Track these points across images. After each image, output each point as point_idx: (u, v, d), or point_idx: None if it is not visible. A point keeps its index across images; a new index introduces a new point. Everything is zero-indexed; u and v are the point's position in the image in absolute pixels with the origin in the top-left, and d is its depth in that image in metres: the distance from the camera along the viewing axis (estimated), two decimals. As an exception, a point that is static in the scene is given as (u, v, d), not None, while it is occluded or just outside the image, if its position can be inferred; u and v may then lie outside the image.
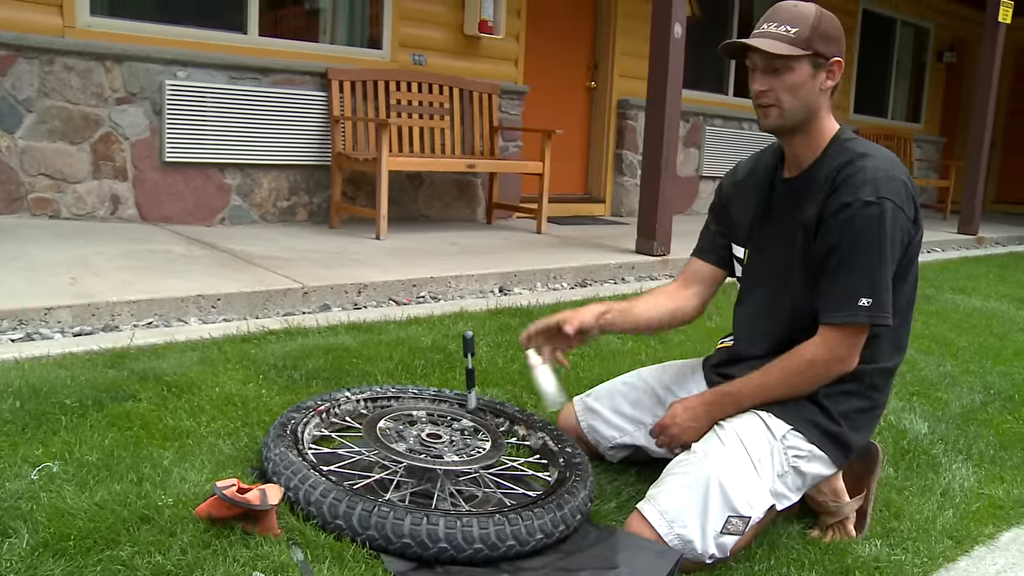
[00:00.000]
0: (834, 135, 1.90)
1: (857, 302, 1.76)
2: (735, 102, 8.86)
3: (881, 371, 1.91)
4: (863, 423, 1.93)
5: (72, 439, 2.04)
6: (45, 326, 3.09)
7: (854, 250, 1.77)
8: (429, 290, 4.23)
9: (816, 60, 1.82)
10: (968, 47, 11.66)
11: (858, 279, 1.77)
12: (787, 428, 1.85)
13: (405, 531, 1.62)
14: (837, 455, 1.88)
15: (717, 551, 1.72)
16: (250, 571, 1.54)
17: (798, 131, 1.90)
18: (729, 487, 1.74)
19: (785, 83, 1.83)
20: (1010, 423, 2.87)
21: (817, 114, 1.87)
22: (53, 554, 1.53)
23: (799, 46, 1.80)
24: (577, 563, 1.67)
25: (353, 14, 6.20)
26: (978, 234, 8.57)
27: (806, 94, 1.84)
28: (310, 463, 1.82)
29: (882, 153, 1.86)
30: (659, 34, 5.31)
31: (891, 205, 1.76)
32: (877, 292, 1.76)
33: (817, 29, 1.81)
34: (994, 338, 4.12)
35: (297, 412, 2.10)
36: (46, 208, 4.83)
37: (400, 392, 2.35)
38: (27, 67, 4.67)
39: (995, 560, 1.95)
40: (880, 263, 1.76)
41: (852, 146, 1.87)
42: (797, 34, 1.81)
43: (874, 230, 1.76)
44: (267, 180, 5.62)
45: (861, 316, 1.76)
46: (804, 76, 1.83)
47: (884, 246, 1.76)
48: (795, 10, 1.85)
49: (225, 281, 3.73)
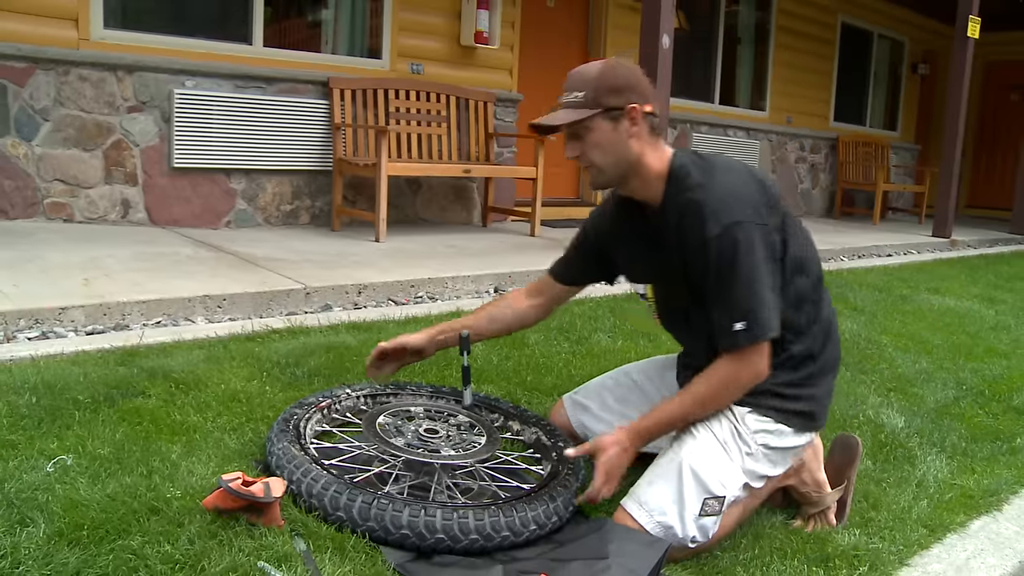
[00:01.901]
0: (669, 171, 1.89)
1: (732, 328, 1.78)
2: (721, 110, 8.98)
3: (809, 341, 1.93)
4: (816, 384, 1.95)
5: (85, 433, 2.05)
6: (59, 325, 3.13)
7: (718, 282, 1.79)
8: (427, 291, 4.27)
9: (610, 114, 1.83)
10: (940, 60, 11.83)
11: (728, 307, 1.78)
12: (745, 411, 1.88)
13: (404, 522, 1.64)
14: (803, 424, 1.93)
15: (698, 533, 1.76)
16: (255, 561, 1.54)
17: (627, 180, 1.91)
18: (701, 471, 1.79)
19: (589, 144, 1.86)
20: (981, 417, 2.94)
21: (641, 159, 1.87)
22: (68, 543, 1.55)
23: (587, 107, 1.82)
24: (569, 553, 1.69)
25: (354, 25, 6.29)
26: (951, 237, 8.71)
27: (614, 147, 1.86)
28: (312, 457, 1.84)
29: (718, 174, 1.84)
30: (648, 45, 5.39)
31: (738, 227, 1.76)
32: (750, 313, 1.77)
33: (602, 86, 1.83)
34: (966, 336, 4.17)
35: (300, 408, 2.11)
36: (60, 212, 4.95)
37: (398, 389, 2.36)
38: (44, 78, 4.80)
39: (965, 547, 2.00)
40: (747, 286, 1.77)
41: (686, 179, 1.85)
42: (584, 96, 1.83)
43: (729, 258, 1.77)
44: (271, 185, 5.73)
45: (741, 340, 1.78)
46: (604, 132, 1.85)
47: (744, 268, 1.76)
48: (580, 74, 1.87)
49: (231, 282, 3.77)
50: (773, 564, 1.80)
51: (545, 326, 3.59)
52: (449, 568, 1.64)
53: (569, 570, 1.63)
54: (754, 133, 9.39)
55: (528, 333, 3.47)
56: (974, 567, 1.93)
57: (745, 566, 1.79)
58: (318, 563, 1.57)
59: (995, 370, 3.58)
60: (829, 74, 10.45)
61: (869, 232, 8.85)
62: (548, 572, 1.60)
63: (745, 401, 1.89)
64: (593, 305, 4.04)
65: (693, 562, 1.80)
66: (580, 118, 1.84)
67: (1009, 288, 5.89)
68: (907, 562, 1.89)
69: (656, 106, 1.91)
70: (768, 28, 9.59)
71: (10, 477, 1.79)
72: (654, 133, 1.90)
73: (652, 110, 1.88)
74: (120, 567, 1.51)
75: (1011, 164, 11.71)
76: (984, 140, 12.91)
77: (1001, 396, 3.20)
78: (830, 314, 2.01)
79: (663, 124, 1.97)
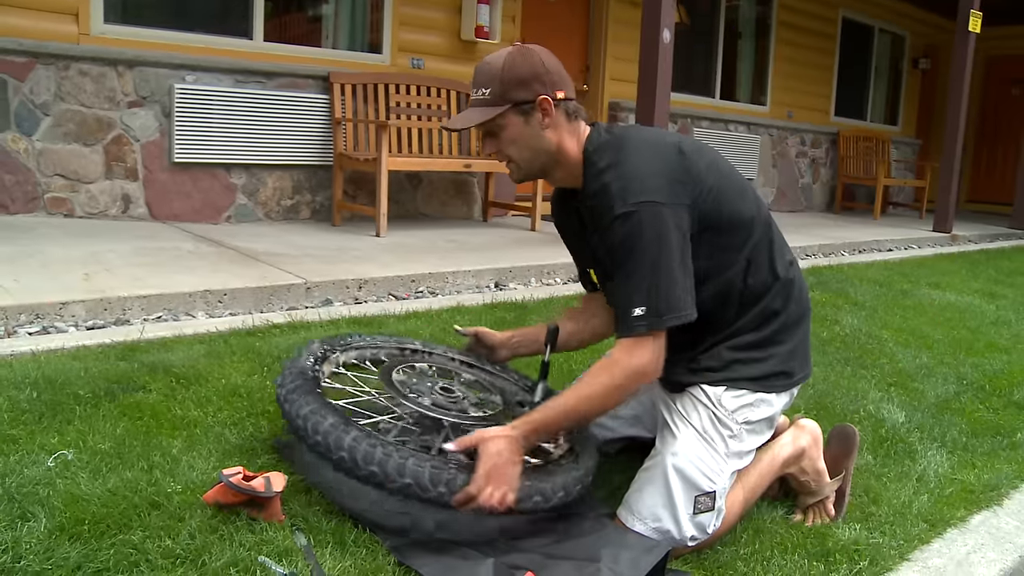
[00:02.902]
0: (584, 155, 1.83)
1: (632, 314, 1.69)
2: (722, 105, 8.98)
3: (761, 296, 1.87)
4: (783, 340, 1.91)
5: (86, 428, 2.05)
6: (60, 320, 3.13)
7: (622, 265, 1.72)
8: (427, 285, 4.28)
9: (520, 108, 1.78)
10: (941, 54, 11.80)
11: (630, 292, 1.70)
12: (721, 390, 1.84)
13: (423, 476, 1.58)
14: (783, 384, 1.90)
15: (696, 531, 1.76)
16: (255, 556, 1.54)
17: (550, 171, 1.87)
18: (686, 469, 1.77)
19: (504, 140, 1.82)
20: (981, 412, 2.95)
21: (560, 149, 1.83)
22: (69, 537, 1.56)
23: (495, 104, 1.77)
24: (565, 551, 1.68)
25: (354, 20, 6.29)
26: (952, 232, 8.70)
27: (530, 141, 1.81)
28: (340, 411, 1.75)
29: (627, 153, 1.77)
30: (648, 39, 5.38)
31: (643, 207, 1.69)
32: (651, 298, 1.68)
33: (507, 80, 1.76)
34: (967, 331, 4.17)
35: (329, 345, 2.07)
36: (61, 207, 4.96)
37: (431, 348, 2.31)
38: (44, 73, 4.80)
39: (966, 541, 2.00)
40: (651, 269, 1.68)
41: (598, 162, 1.79)
42: (491, 93, 1.77)
43: (633, 239, 1.69)
44: (271, 180, 5.73)
45: (638, 327, 1.69)
46: (517, 127, 1.79)
47: (648, 250, 1.68)
48: (485, 69, 1.80)
49: (231, 277, 3.78)
50: (774, 559, 1.81)
51: (545, 320, 3.59)
52: (443, 555, 1.64)
53: (560, 570, 1.62)
54: (755, 128, 9.38)
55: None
56: (974, 561, 1.93)
57: (746, 561, 1.80)
58: (319, 557, 1.57)
59: (996, 365, 3.59)
60: (830, 69, 10.43)
61: (870, 227, 8.84)
62: (538, 569, 1.60)
63: (715, 378, 1.85)
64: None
65: (694, 556, 1.81)
66: (489, 117, 1.78)
67: (1010, 283, 5.89)
68: (907, 557, 1.90)
69: (571, 90, 1.84)
70: (769, 22, 9.58)
71: (11, 472, 1.79)
72: (572, 118, 1.84)
73: (565, 95, 1.81)
74: (121, 561, 1.51)
75: (1012, 159, 11.70)
76: (985, 135, 12.90)
77: (1002, 391, 3.21)
78: (788, 268, 1.93)
79: (581, 108, 1.90)
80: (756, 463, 1.98)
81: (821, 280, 5.15)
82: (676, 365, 1.87)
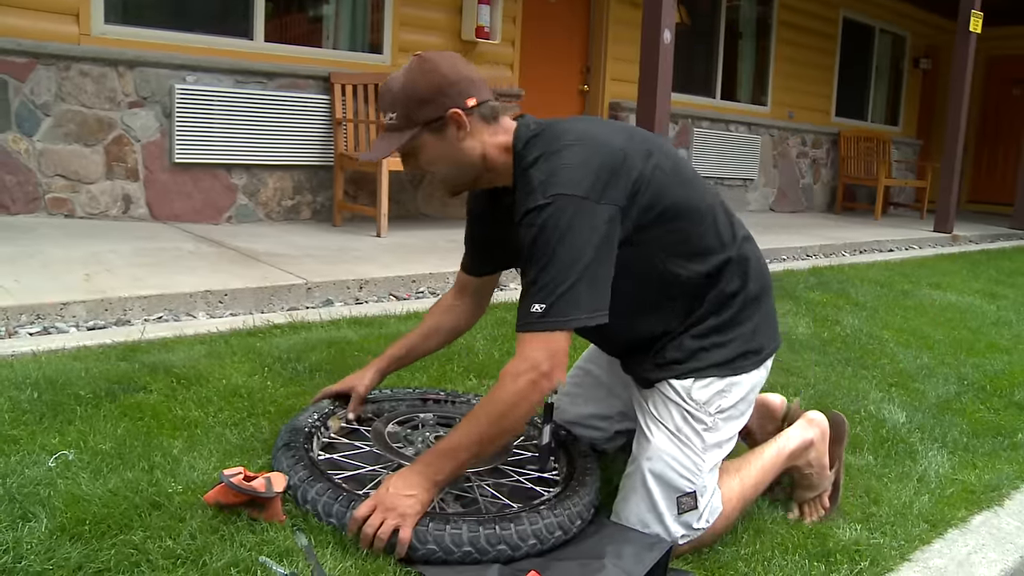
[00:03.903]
0: (513, 152, 1.73)
1: (530, 310, 1.58)
2: (722, 105, 8.99)
3: (717, 280, 1.81)
4: (746, 319, 1.85)
5: (87, 428, 2.05)
6: (61, 320, 3.13)
7: (532, 259, 1.60)
8: (428, 285, 4.27)
9: (431, 127, 1.69)
10: (942, 54, 11.82)
11: (535, 287, 1.59)
12: (689, 382, 1.79)
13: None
14: (751, 364, 1.85)
15: (684, 529, 1.75)
16: (256, 556, 1.54)
17: (479, 179, 1.79)
18: (663, 473, 1.75)
19: (424, 161, 1.74)
20: (982, 412, 2.94)
21: (484, 156, 1.74)
22: (70, 538, 1.55)
23: (404, 128, 1.69)
24: (567, 552, 1.68)
25: (355, 20, 6.30)
26: (953, 232, 8.71)
27: (450, 156, 1.72)
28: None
29: (556, 146, 1.66)
30: (649, 40, 5.39)
31: (562, 200, 1.58)
32: (555, 294, 1.56)
33: (411, 102, 1.67)
34: (968, 332, 4.17)
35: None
36: (62, 208, 4.96)
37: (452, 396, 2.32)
38: (45, 73, 4.81)
39: (967, 542, 2.00)
40: (561, 265, 1.57)
41: (527, 155, 1.69)
42: (398, 117, 1.69)
43: (547, 233, 1.58)
44: (272, 180, 5.74)
45: (534, 322, 1.57)
46: (434, 146, 1.71)
47: (563, 245, 1.57)
48: (386, 92, 1.71)
49: (232, 277, 3.78)
50: (775, 559, 1.80)
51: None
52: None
53: (564, 569, 1.62)
54: (756, 128, 9.38)
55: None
56: (975, 562, 1.93)
57: (747, 561, 1.79)
58: (320, 558, 1.57)
59: (996, 365, 3.58)
60: (831, 69, 10.44)
61: (870, 227, 8.84)
62: (543, 569, 1.59)
63: (682, 370, 1.79)
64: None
65: (694, 556, 1.80)
66: (401, 143, 1.70)
67: (1011, 283, 5.89)
68: (908, 557, 1.89)
69: (484, 92, 1.72)
70: (770, 23, 9.58)
71: (12, 472, 1.79)
72: (491, 120, 1.74)
73: (477, 101, 1.70)
74: (122, 562, 1.51)
75: (1013, 159, 11.71)
76: (986, 135, 12.91)
77: (1002, 391, 3.21)
78: (743, 248, 1.86)
79: (503, 106, 1.77)
80: (758, 455, 1.97)
81: (822, 280, 5.15)
82: (643, 361, 1.85)
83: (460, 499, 1.87)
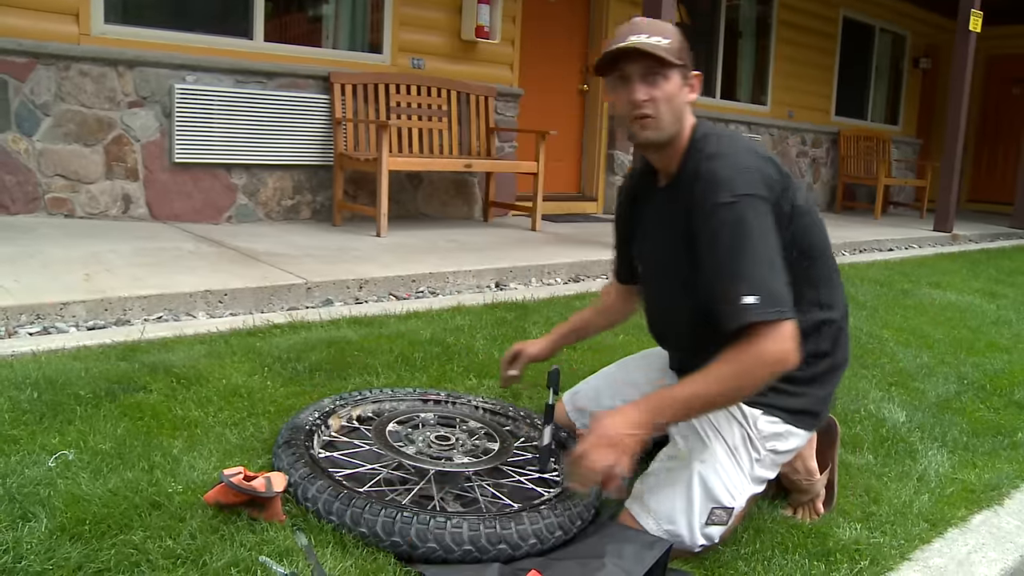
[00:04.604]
0: (691, 140, 1.82)
1: (739, 302, 1.61)
2: (722, 104, 8.98)
3: (817, 331, 1.84)
4: (826, 383, 1.90)
5: (86, 428, 2.06)
6: (61, 320, 3.14)
7: (724, 253, 1.66)
8: (428, 285, 4.29)
9: (685, 72, 1.79)
10: (942, 54, 11.81)
11: (734, 280, 1.63)
12: (758, 413, 1.82)
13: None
14: (810, 423, 1.89)
15: (705, 540, 1.76)
16: (256, 556, 1.54)
17: (669, 144, 1.83)
18: (711, 481, 1.76)
19: (663, 92, 1.77)
20: (982, 411, 2.95)
21: (685, 126, 1.82)
22: (70, 537, 1.56)
23: (674, 56, 1.75)
24: (567, 551, 1.69)
25: (355, 20, 6.29)
26: (953, 231, 8.71)
27: (678, 106, 1.79)
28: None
29: (731, 149, 1.75)
30: (649, 40, 5.43)
31: (751, 199, 1.66)
32: (762, 286, 1.61)
33: (683, 43, 1.78)
34: (968, 331, 4.18)
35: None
36: (62, 207, 4.96)
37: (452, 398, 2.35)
38: (45, 73, 4.81)
39: (967, 541, 2.00)
40: (757, 257, 1.64)
41: (705, 148, 1.77)
42: (670, 45, 1.75)
43: (738, 227, 1.65)
44: (272, 180, 5.73)
45: (752, 315, 1.60)
46: (676, 87, 1.78)
47: (755, 239, 1.64)
48: (660, 24, 1.80)
49: (232, 277, 3.79)
50: (775, 559, 1.81)
51: (546, 320, 3.61)
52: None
53: (564, 568, 1.62)
54: (755, 127, 9.38)
55: (531, 328, 3.51)
56: (975, 561, 1.93)
57: (747, 560, 1.80)
58: (319, 557, 1.57)
59: (996, 365, 3.59)
60: (831, 68, 10.44)
61: (870, 226, 8.84)
62: (543, 569, 1.59)
63: (756, 401, 1.81)
64: (593, 298, 4.03)
65: (694, 556, 1.80)
66: (670, 60, 1.74)
67: (1010, 283, 5.90)
68: (908, 556, 1.89)
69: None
70: (769, 22, 9.58)
71: (12, 472, 1.80)
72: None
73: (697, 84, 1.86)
74: (122, 562, 1.52)
75: (1012, 158, 11.71)
76: (986, 134, 12.91)
77: (1002, 391, 3.21)
78: (846, 318, 1.94)
79: None
80: None
81: (822, 280, 5.14)
82: None
83: (460, 499, 1.87)
